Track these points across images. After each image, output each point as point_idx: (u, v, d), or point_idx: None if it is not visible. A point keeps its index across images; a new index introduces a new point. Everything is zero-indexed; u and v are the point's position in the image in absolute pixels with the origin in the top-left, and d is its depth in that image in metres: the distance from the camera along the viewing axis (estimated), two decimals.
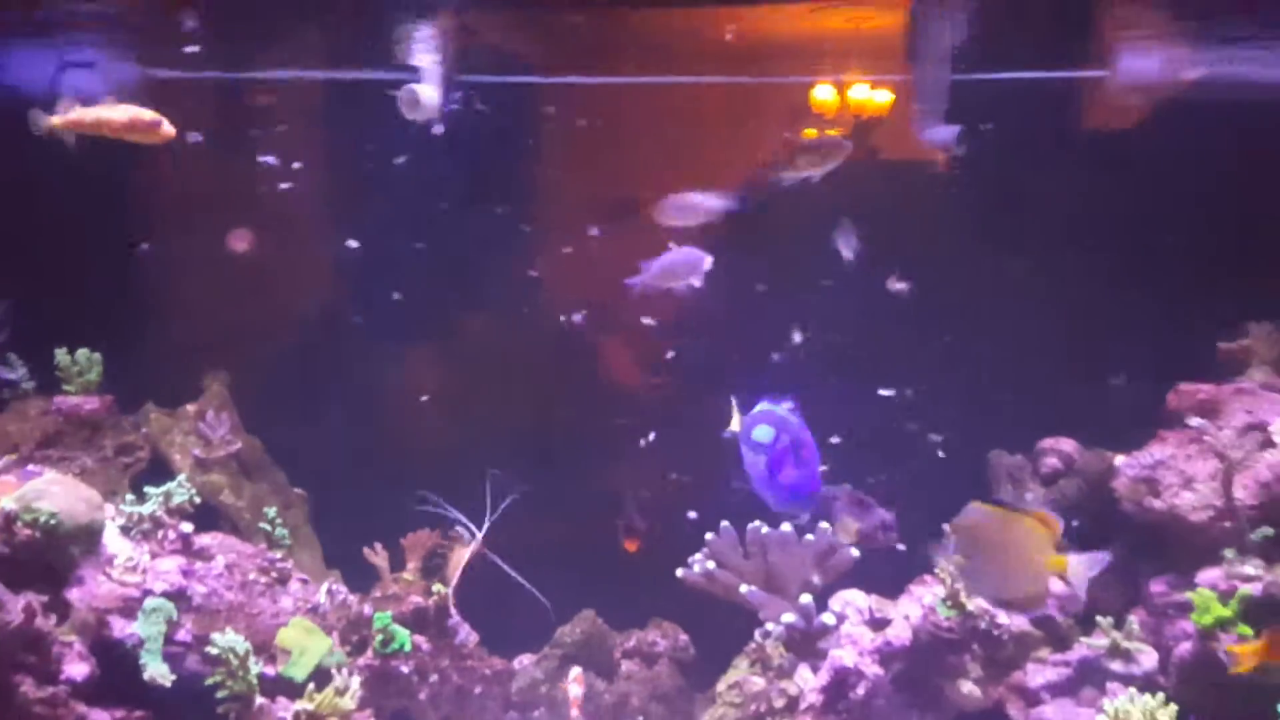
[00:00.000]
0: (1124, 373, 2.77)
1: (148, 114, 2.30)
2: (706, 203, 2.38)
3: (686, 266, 2.38)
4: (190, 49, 2.39)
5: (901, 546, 2.84)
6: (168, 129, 2.28)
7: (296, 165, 2.75)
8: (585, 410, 3.08)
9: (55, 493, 2.43)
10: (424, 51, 2.53)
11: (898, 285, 2.54)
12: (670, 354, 3.04)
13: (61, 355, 2.73)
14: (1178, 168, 2.74)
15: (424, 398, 3.08)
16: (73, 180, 2.60)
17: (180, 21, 2.19)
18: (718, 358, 2.98)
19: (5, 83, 2.49)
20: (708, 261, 2.36)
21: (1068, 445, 2.82)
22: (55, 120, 2.28)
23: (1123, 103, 2.55)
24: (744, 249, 2.86)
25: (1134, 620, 2.61)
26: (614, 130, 2.95)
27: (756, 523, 2.74)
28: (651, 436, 2.94)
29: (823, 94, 2.91)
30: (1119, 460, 2.67)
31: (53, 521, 2.38)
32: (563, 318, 2.88)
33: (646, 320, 2.89)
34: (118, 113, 2.30)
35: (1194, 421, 2.51)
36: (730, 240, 2.73)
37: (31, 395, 2.74)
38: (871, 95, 2.91)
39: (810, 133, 3.02)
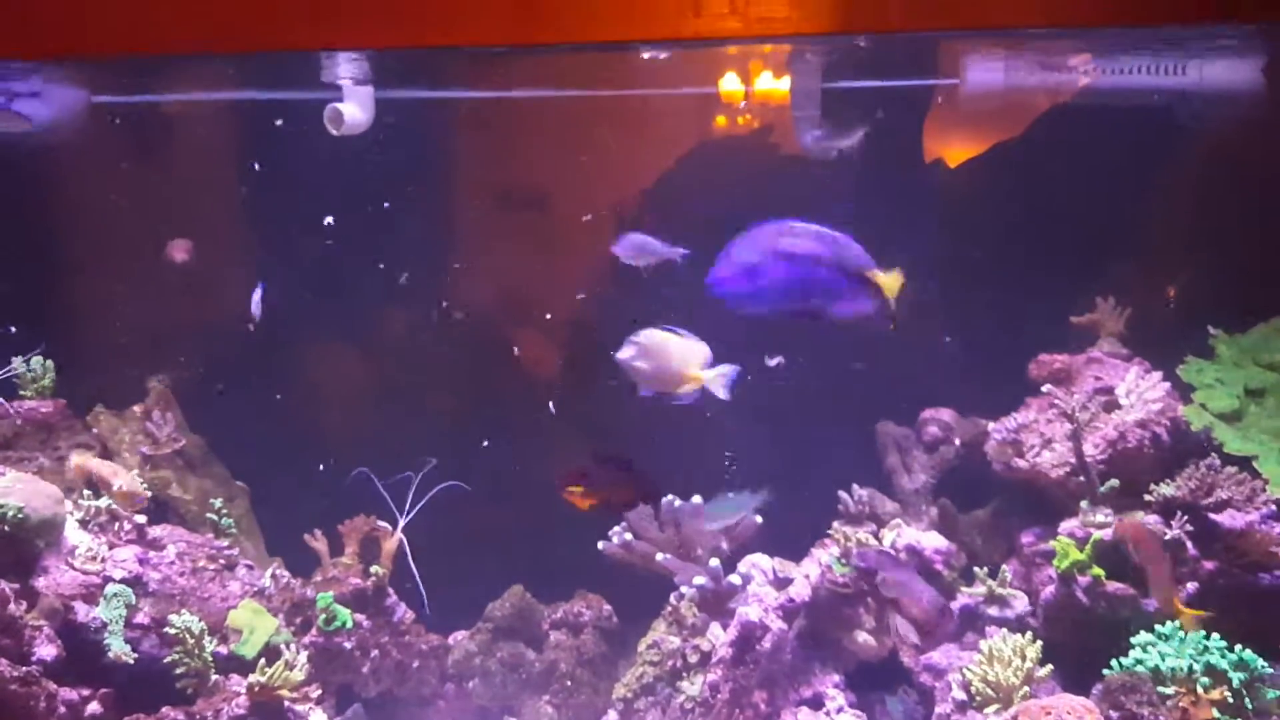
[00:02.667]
0: (955, 336, 3.37)
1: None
2: (654, 244, 2.91)
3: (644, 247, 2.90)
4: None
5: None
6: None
7: (225, 179, 3.27)
8: (510, 397, 3.62)
9: (20, 490, 2.92)
10: (347, 70, 3.04)
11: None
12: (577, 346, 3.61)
13: (18, 363, 3.21)
14: (1040, 166, 3.37)
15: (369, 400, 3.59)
16: (27, 200, 3.09)
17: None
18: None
19: None
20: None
21: (946, 415, 3.43)
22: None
23: (984, 107, 3.16)
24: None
25: (1007, 569, 3.22)
26: (520, 138, 3.53)
27: (670, 496, 3.30)
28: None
29: (729, 84, 3.48)
30: (990, 426, 3.28)
31: (19, 516, 2.88)
32: (484, 312, 3.41)
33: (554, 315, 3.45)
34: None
35: (1045, 388, 3.12)
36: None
37: None
38: (776, 85, 3.48)
39: (721, 121, 3.61)
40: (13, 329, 3.13)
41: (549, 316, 3.64)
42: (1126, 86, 3.08)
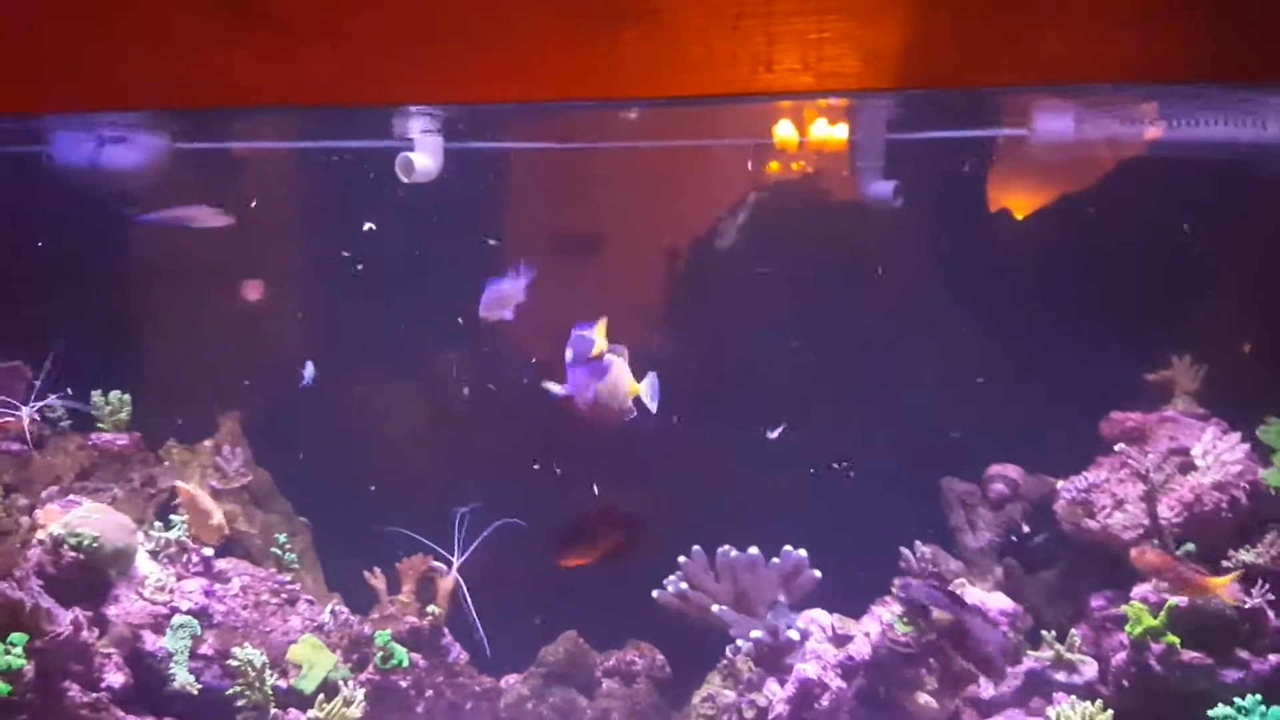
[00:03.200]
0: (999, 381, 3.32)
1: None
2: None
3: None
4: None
5: None
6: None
7: (295, 229, 3.41)
8: (567, 440, 3.65)
9: (95, 519, 3.02)
10: (418, 121, 3.15)
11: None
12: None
13: (97, 396, 3.34)
14: (1116, 218, 3.32)
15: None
16: (104, 246, 3.26)
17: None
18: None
19: (51, 156, 3.13)
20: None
21: (1013, 471, 3.35)
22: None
23: (1054, 159, 3.13)
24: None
25: (1076, 633, 3.12)
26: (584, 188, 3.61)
27: (726, 547, 3.28)
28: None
29: (784, 131, 3.52)
30: (1059, 484, 3.21)
31: (94, 545, 2.97)
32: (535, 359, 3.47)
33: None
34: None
35: (1119, 447, 3.04)
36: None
37: (69, 433, 3.36)
38: (831, 131, 3.51)
39: (774, 166, 3.65)
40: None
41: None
42: (1203, 139, 3.04)
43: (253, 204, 3.41)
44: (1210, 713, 2.73)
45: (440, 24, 2.02)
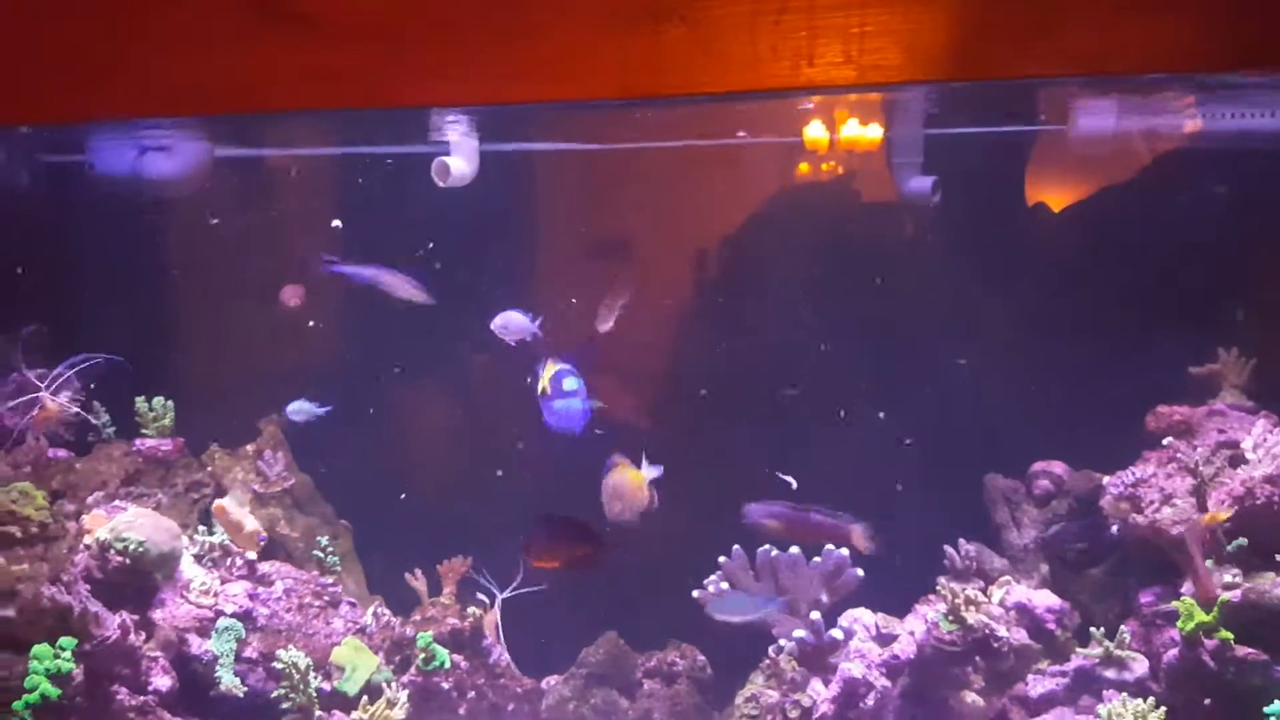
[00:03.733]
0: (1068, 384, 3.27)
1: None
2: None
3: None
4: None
5: None
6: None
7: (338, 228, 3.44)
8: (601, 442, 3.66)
9: (141, 524, 3.06)
10: (453, 125, 3.16)
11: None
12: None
13: (140, 403, 3.38)
14: (1159, 211, 3.27)
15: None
16: (147, 254, 3.31)
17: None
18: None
19: (93, 165, 3.17)
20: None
21: (1058, 468, 3.31)
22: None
23: (1092, 152, 3.09)
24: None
25: (1126, 630, 3.07)
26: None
27: (766, 546, 3.27)
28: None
29: (815, 132, 3.50)
30: (1105, 480, 3.16)
31: (140, 549, 3.01)
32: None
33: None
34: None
35: (1167, 441, 2.99)
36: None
37: (113, 439, 3.41)
38: (863, 131, 3.49)
39: (804, 168, 3.63)
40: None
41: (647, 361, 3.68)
42: (1250, 129, 2.98)
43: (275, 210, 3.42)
44: (1266, 709, 2.68)
45: (475, 24, 2.02)
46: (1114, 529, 3.11)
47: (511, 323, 3.19)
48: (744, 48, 1.91)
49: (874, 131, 3.39)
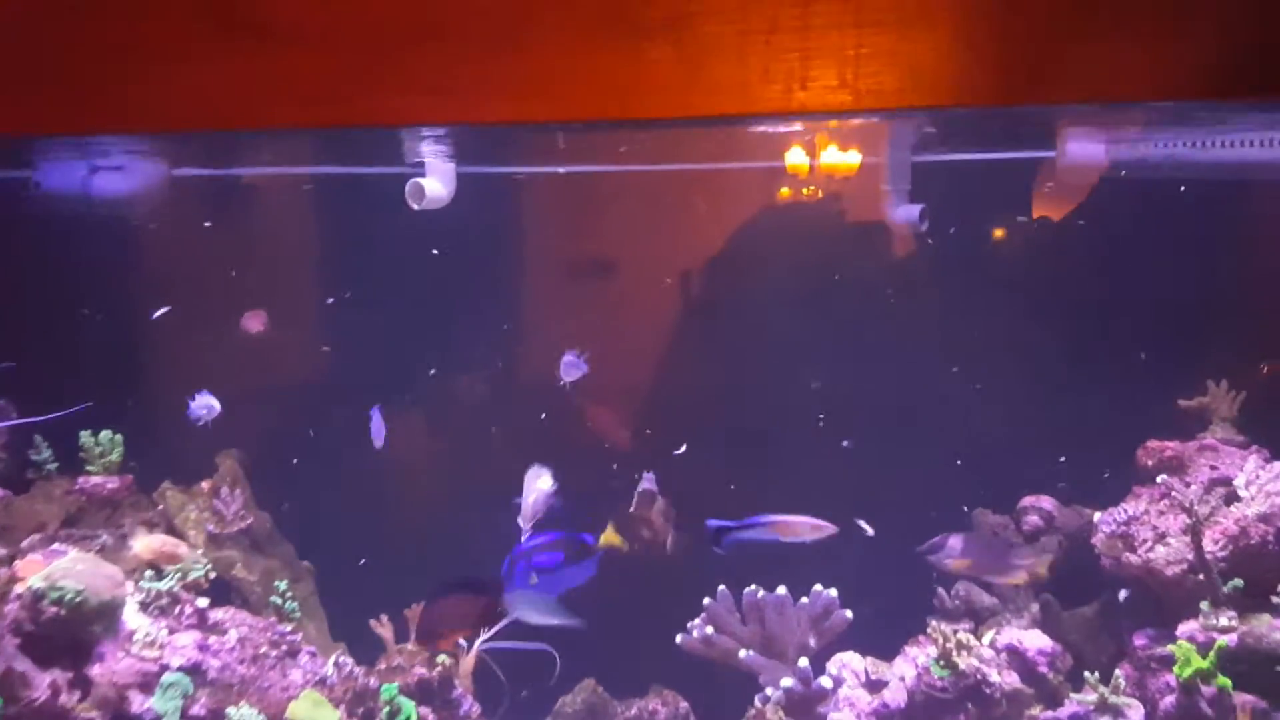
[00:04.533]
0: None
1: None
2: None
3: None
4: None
5: None
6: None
7: (307, 255, 3.24)
8: (584, 473, 3.49)
9: (79, 571, 2.83)
10: (429, 146, 3.00)
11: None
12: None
13: (85, 437, 3.16)
14: (1137, 243, 3.19)
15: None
16: (95, 271, 3.09)
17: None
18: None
19: (42, 185, 2.97)
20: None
21: (1047, 503, 3.19)
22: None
23: (1078, 181, 3.00)
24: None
25: (1120, 674, 2.95)
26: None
27: (753, 587, 3.11)
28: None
29: (795, 158, 3.40)
30: (1096, 517, 3.05)
31: (77, 599, 2.78)
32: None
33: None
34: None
35: (1160, 478, 2.88)
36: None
37: (55, 476, 3.17)
38: (842, 158, 3.39)
39: (784, 193, 3.52)
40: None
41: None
42: (1237, 160, 2.91)
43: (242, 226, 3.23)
44: None
45: (447, 40, 1.87)
46: (1106, 565, 3.00)
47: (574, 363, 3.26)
48: (733, 69, 1.77)
49: (855, 157, 3.30)
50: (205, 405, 3.11)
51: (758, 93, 1.74)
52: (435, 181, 3.01)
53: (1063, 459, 3.12)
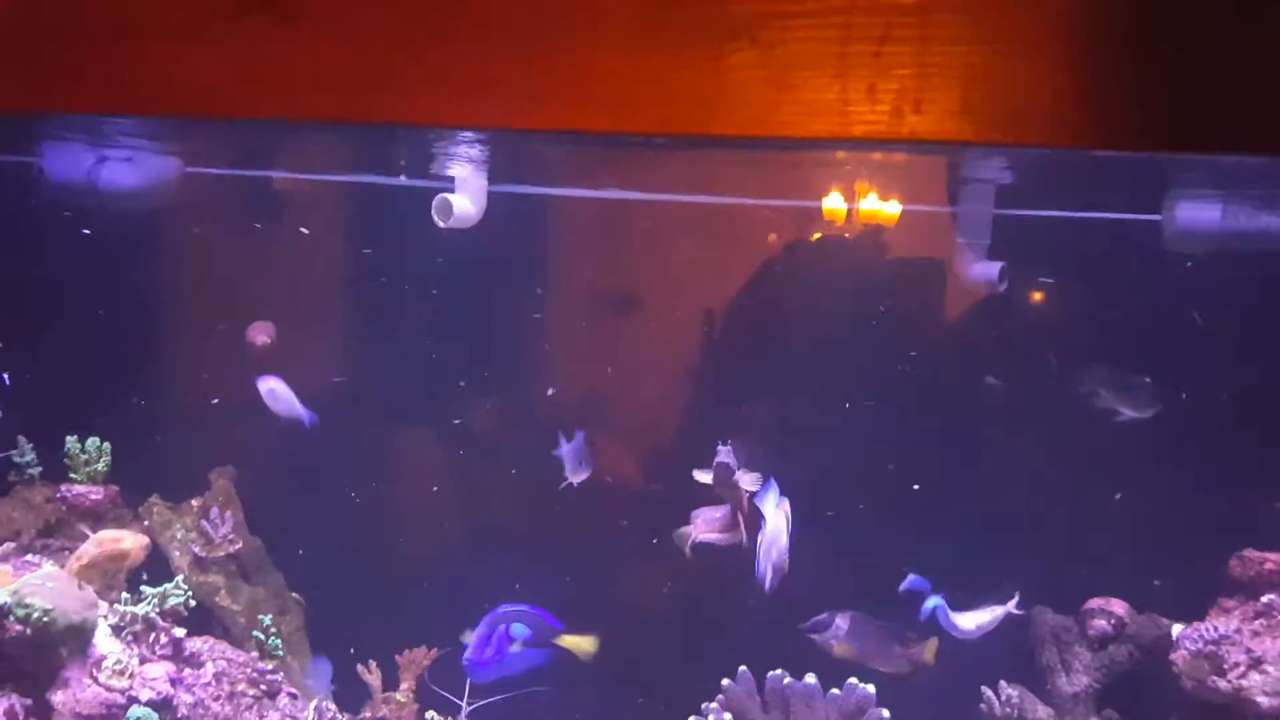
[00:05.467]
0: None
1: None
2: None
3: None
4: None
5: None
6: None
7: (321, 266, 2.98)
8: (593, 513, 3.17)
9: (51, 588, 2.55)
10: (459, 161, 2.73)
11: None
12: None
13: (71, 443, 2.89)
14: (1245, 324, 2.82)
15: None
16: (91, 271, 2.84)
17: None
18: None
19: (46, 176, 2.73)
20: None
21: (1119, 607, 2.81)
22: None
23: (1181, 249, 2.65)
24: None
25: None
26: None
27: (778, 671, 2.76)
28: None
29: (832, 203, 3.09)
30: (1176, 630, 2.67)
31: (45, 619, 2.50)
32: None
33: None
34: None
35: (1266, 598, 2.50)
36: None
37: (37, 481, 2.91)
38: (881, 207, 3.07)
39: (844, 238, 3.20)
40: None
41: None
42: None
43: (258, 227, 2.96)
44: None
45: (487, 34, 1.58)
46: (1187, 687, 2.61)
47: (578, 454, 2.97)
48: (829, 83, 1.45)
49: (895, 207, 2.98)
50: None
51: (859, 114, 1.41)
52: (464, 198, 2.73)
53: (1156, 582, 2.73)
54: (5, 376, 2.70)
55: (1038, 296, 2.83)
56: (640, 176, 3.06)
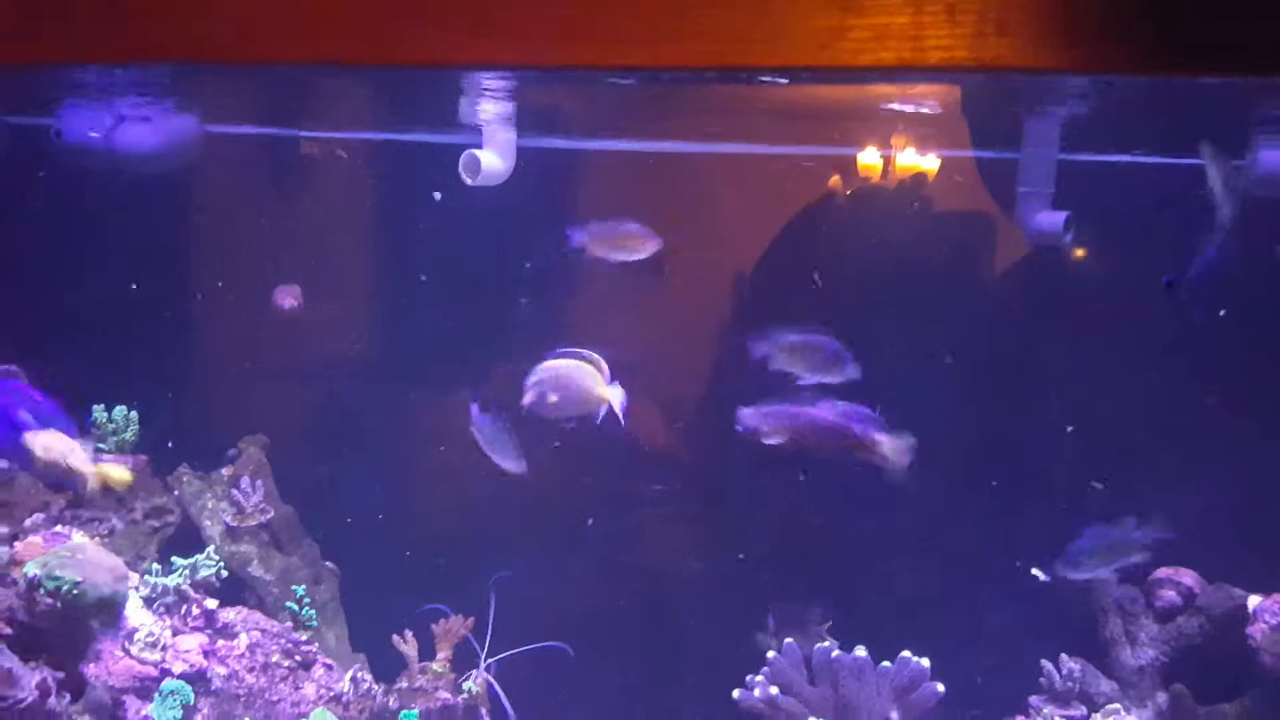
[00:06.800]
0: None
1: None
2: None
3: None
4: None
5: None
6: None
7: (347, 229, 2.83)
8: (627, 482, 3.02)
9: (81, 560, 2.46)
10: (488, 114, 2.56)
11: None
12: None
13: (99, 412, 2.79)
14: None
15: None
16: (116, 239, 2.72)
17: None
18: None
19: (61, 131, 2.60)
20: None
21: (1188, 578, 2.62)
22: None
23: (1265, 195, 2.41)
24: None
25: None
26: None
27: (827, 643, 2.62)
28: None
29: (869, 158, 2.88)
30: (1254, 602, 2.48)
31: (75, 592, 2.42)
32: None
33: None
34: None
35: None
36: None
37: None
38: (919, 161, 2.85)
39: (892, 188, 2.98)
40: None
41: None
42: None
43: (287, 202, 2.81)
44: None
45: None
46: (1266, 662, 2.42)
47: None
48: (903, 4, 1.25)
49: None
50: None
51: (938, 38, 1.22)
52: (492, 154, 2.56)
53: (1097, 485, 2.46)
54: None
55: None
56: (674, 127, 2.87)
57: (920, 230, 2.88)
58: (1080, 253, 2.74)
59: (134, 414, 2.79)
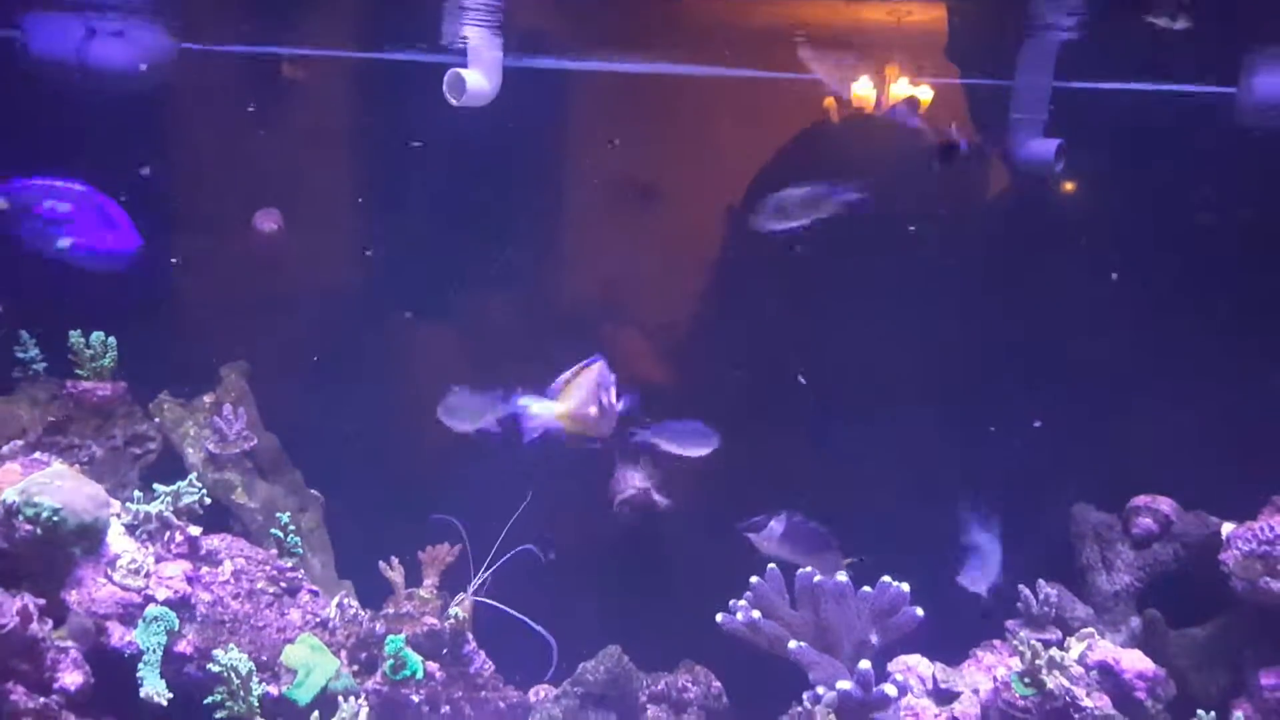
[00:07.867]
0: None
1: None
2: None
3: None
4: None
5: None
6: None
7: (328, 150, 2.70)
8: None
9: (60, 487, 2.40)
10: (473, 32, 2.43)
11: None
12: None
13: (75, 338, 2.69)
14: None
15: None
16: (101, 164, 2.58)
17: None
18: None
19: (33, 50, 2.45)
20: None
21: (1165, 505, 2.62)
22: None
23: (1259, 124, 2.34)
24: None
25: (1240, 715, 2.42)
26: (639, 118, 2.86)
27: (809, 569, 2.61)
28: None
29: (862, 87, 2.79)
30: (1227, 529, 2.48)
31: (55, 518, 2.36)
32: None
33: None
34: None
35: None
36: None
37: (42, 378, 2.72)
38: (913, 91, 2.77)
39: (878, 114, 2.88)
40: None
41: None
42: None
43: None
44: None
45: None
46: (1238, 588, 2.44)
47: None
48: None
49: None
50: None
51: None
52: (478, 73, 2.44)
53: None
54: None
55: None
56: (663, 46, 2.75)
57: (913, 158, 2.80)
58: (1069, 185, 2.68)
59: (112, 340, 2.69)
